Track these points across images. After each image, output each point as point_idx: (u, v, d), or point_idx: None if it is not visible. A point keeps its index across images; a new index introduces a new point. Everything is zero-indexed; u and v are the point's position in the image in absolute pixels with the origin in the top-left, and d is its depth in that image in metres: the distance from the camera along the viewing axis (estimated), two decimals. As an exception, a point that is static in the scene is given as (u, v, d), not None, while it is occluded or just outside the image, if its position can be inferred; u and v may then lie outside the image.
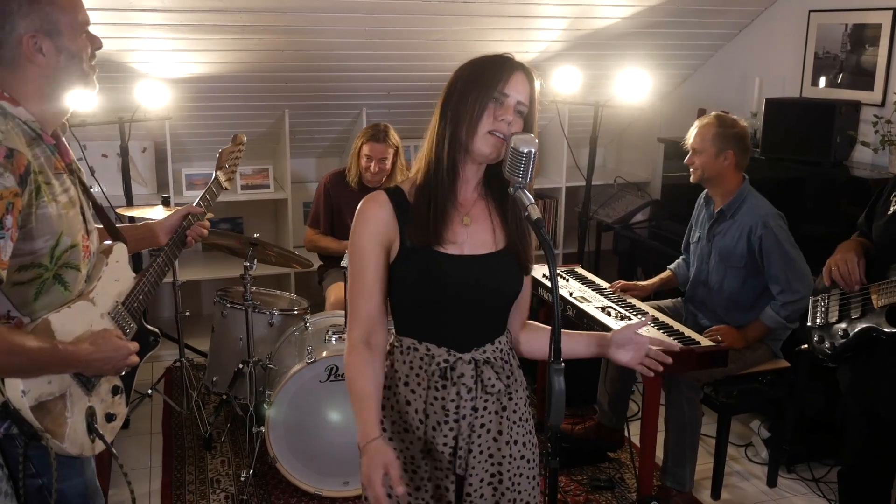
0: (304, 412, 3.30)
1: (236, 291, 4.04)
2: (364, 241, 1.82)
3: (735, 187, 3.31)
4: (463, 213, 1.85)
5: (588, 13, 4.38)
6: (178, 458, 3.72)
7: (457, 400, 1.84)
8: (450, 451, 1.85)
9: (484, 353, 1.87)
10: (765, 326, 3.25)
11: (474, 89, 1.76)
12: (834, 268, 2.61)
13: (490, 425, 1.88)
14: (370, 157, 4.09)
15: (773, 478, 3.58)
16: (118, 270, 2.00)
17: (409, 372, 1.86)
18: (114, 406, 1.96)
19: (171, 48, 4.04)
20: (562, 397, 1.66)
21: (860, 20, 3.98)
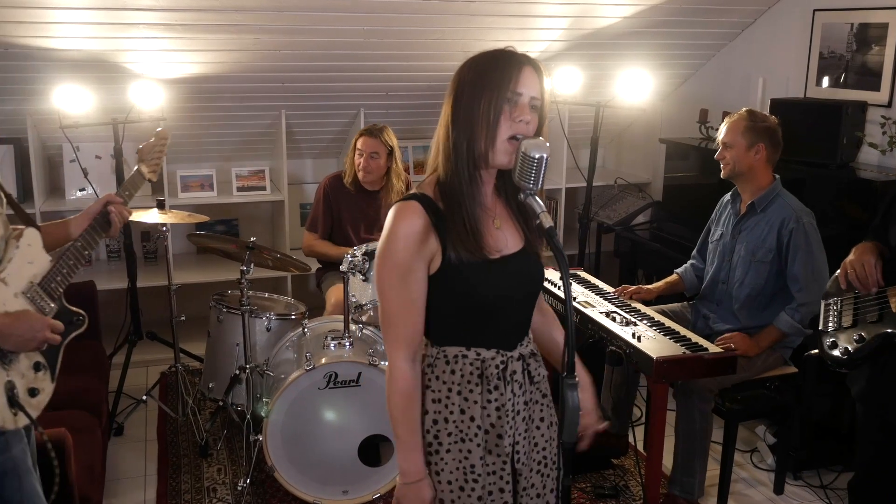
0: (303, 420, 3.23)
1: (233, 296, 3.96)
2: (403, 255, 1.73)
3: (766, 183, 3.27)
4: (492, 216, 1.83)
5: (589, 12, 4.32)
6: (173, 465, 3.65)
7: (512, 398, 1.84)
8: (512, 449, 1.85)
9: (527, 346, 1.90)
10: (779, 332, 3.19)
11: (485, 92, 1.70)
12: (850, 270, 2.55)
13: (534, 415, 1.91)
14: (361, 151, 4.04)
15: (780, 485, 3.52)
16: (31, 253, 2.03)
17: (459, 380, 1.82)
18: (37, 381, 2.01)
19: (165, 48, 3.97)
20: (576, 413, 1.60)
21: (866, 19, 3.93)
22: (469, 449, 1.83)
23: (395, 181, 4.14)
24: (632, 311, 3.36)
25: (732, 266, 3.35)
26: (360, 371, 3.22)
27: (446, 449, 1.83)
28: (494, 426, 1.83)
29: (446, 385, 1.83)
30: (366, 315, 3.65)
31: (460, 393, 1.82)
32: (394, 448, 3.30)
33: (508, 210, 1.87)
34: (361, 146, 4.04)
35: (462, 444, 1.83)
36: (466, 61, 1.79)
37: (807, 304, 3.15)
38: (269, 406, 3.18)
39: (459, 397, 1.82)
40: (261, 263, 3.72)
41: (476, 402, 1.82)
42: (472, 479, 1.83)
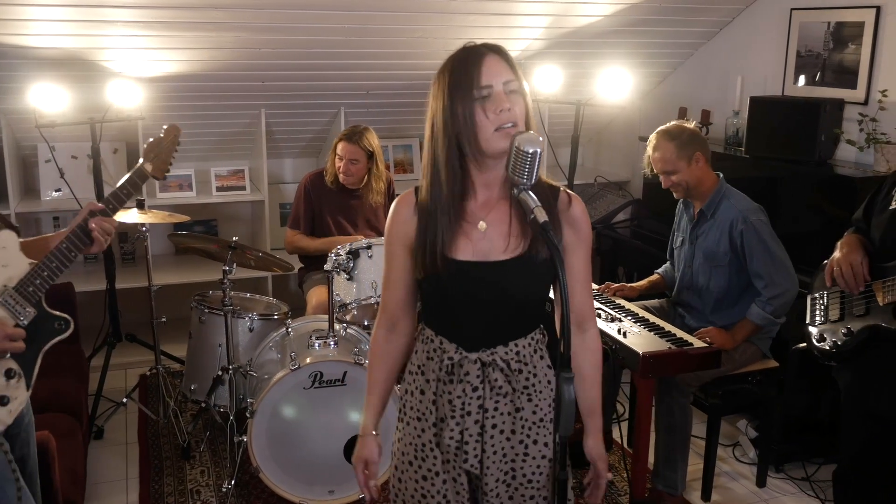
0: (288, 420, 3.20)
1: (214, 296, 3.93)
2: (392, 235, 1.89)
3: (711, 187, 3.29)
4: (478, 218, 1.80)
5: (570, 11, 4.34)
6: (155, 468, 3.61)
7: (463, 397, 1.85)
8: (455, 445, 1.86)
9: (492, 354, 1.84)
10: (753, 324, 3.22)
11: (455, 98, 1.70)
12: (837, 268, 2.57)
13: (503, 426, 1.87)
14: (341, 156, 4.05)
15: (763, 478, 3.56)
16: (5, 257, 2.01)
17: (425, 361, 1.90)
18: (9, 389, 1.98)
19: (144, 46, 3.92)
20: (572, 407, 1.59)
21: (842, 18, 3.98)
22: (423, 429, 1.89)
23: (376, 183, 4.14)
24: (616, 308, 3.38)
25: (695, 272, 3.38)
26: (345, 370, 3.21)
27: (406, 422, 1.94)
28: (445, 418, 1.86)
29: (418, 362, 1.93)
30: (349, 314, 3.63)
31: (423, 374, 1.90)
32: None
33: (507, 216, 1.80)
34: (341, 152, 4.04)
35: (417, 423, 1.90)
36: (437, 71, 1.79)
37: (776, 296, 3.17)
38: (253, 407, 3.16)
39: (422, 378, 1.90)
40: (243, 263, 3.69)
41: (431, 388, 1.88)
42: (421, 458, 1.89)
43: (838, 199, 3.69)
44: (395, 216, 1.87)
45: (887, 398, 2.49)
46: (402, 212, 1.85)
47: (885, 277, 2.45)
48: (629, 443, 3.79)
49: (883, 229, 2.56)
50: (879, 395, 2.51)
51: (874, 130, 3.73)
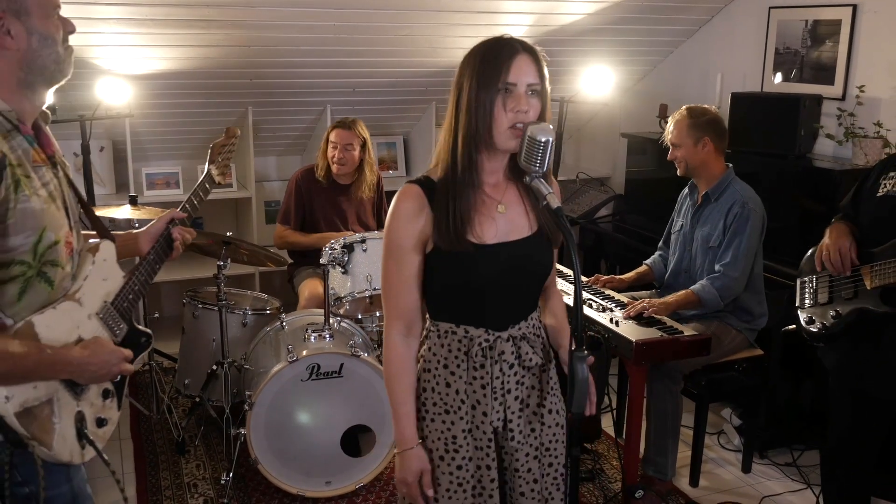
0: (286, 412, 3.24)
1: (207, 292, 3.95)
2: (400, 236, 1.83)
3: (719, 173, 3.38)
4: (496, 201, 1.86)
5: (554, 9, 4.42)
6: (150, 463, 3.63)
7: (501, 376, 1.88)
8: (501, 426, 1.89)
9: (520, 329, 1.91)
10: (694, 296, 3.27)
11: (480, 85, 1.75)
12: (826, 253, 2.67)
13: (529, 400, 1.93)
14: (336, 143, 4.10)
15: (748, 463, 3.65)
16: (106, 269, 1.89)
17: (447, 355, 1.90)
18: (105, 410, 1.87)
19: (134, 43, 3.93)
20: (585, 385, 1.66)
21: (819, 16, 4.09)
22: (452, 421, 1.90)
23: (369, 173, 4.20)
24: (606, 299, 3.46)
25: (693, 255, 3.46)
26: (342, 362, 3.25)
27: (431, 418, 1.92)
28: (480, 403, 1.89)
29: (436, 357, 1.92)
30: (343, 308, 3.68)
31: (447, 367, 1.90)
32: (375, 438, 3.34)
33: (520, 197, 1.88)
34: (335, 139, 4.09)
35: (446, 416, 1.91)
36: (467, 53, 1.83)
37: (727, 276, 3.24)
38: (251, 399, 3.19)
39: (446, 371, 1.90)
40: (236, 258, 3.72)
41: (461, 378, 1.89)
42: (454, 450, 1.90)
43: (817, 192, 3.80)
44: (400, 214, 1.82)
45: (874, 377, 2.60)
46: (409, 207, 1.82)
47: (874, 262, 2.56)
48: (619, 433, 3.89)
49: (871, 216, 2.68)
50: (866, 375, 2.62)
51: (852, 125, 3.85)
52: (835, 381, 2.77)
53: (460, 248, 1.79)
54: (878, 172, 2.70)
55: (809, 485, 3.49)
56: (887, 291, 2.51)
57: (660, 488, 3.33)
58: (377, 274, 3.49)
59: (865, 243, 2.63)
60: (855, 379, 2.67)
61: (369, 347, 3.50)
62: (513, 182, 1.88)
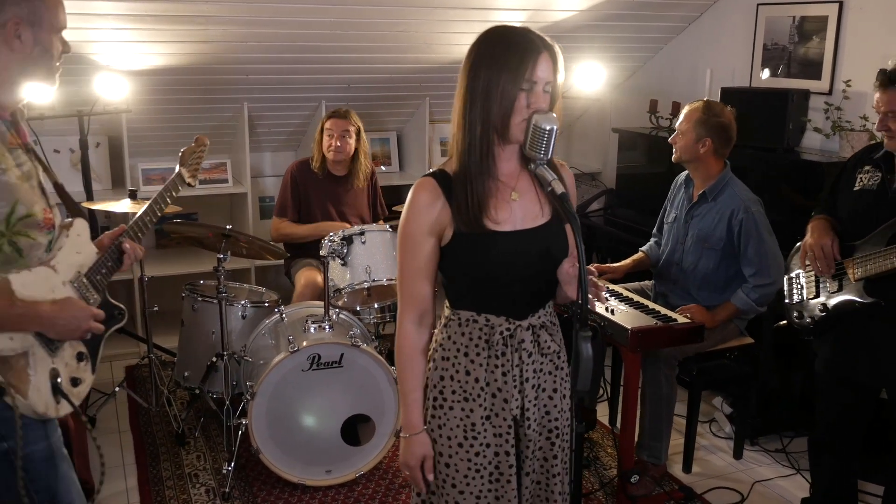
0: (287, 402, 3.29)
1: (206, 285, 3.99)
2: (414, 228, 1.87)
3: (716, 172, 3.42)
4: (510, 188, 1.89)
5: (547, 6, 4.48)
6: (151, 454, 3.66)
7: (521, 364, 1.93)
8: (520, 414, 1.94)
9: (539, 318, 1.96)
10: (735, 308, 3.37)
11: (501, 76, 1.76)
12: (810, 252, 2.76)
13: (545, 384, 1.99)
14: (332, 131, 4.16)
15: (739, 450, 3.73)
16: (79, 244, 2.04)
17: (468, 343, 1.94)
18: (79, 371, 2.01)
19: (132, 39, 3.96)
20: (590, 363, 1.72)
21: (807, 12, 4.18)
22: (472, 408, 1.94)
23: (363, 160, 4.27)
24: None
25: (685, 250, 3.52)
26: (342, 352, 3.30)
27: (449, 406, 1.95)
28: (501, 390, 1.93)
29: (455, 345, 1.95)
30: (342, 300, 3.73)
31: (467, 355, 1.94)
32: (374, 428, 3.40)
33: (532, 184, 1.90)
34: (331, 127, 4.16)
35: (465, 403, 1.94)
36: (481, 38, 1.83)
37: (762, 285, 3.32)
38: (253, 389, 3.23)
39: (466, 359, 1.94)
40: (235, 251, 3.76)
41: (481, 366, 1.93)
42: (472, 437, 1.94)
43: (806, 184, 3.88)
44: (416, 204, 1.86)
45: (862, 366, 2.69)
46: (425, 198, 1.85)
47: (855, 255, 2.64)
48: (613, 422, 3.96)
49: (848, 209, 2.76)
50: (855, 364, 2.71)
51: (839, 119, 3.94)
52: (822, 370, 2.85)
53: (480, 231, 1.83)
54: (853, 166, 2.78)
55: (799, 470, 3.57)
56: (870, 282, 2.59)
57: (654, 473, 3.40)
58: (376, 266, 3.56)
59: (846, 236, 2.72)
60: (842, 368, 2.76)
61: (367, 339, 3.55)
62: (525, 171, 1.91)
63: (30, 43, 1.88)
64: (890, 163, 2.63)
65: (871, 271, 2.55)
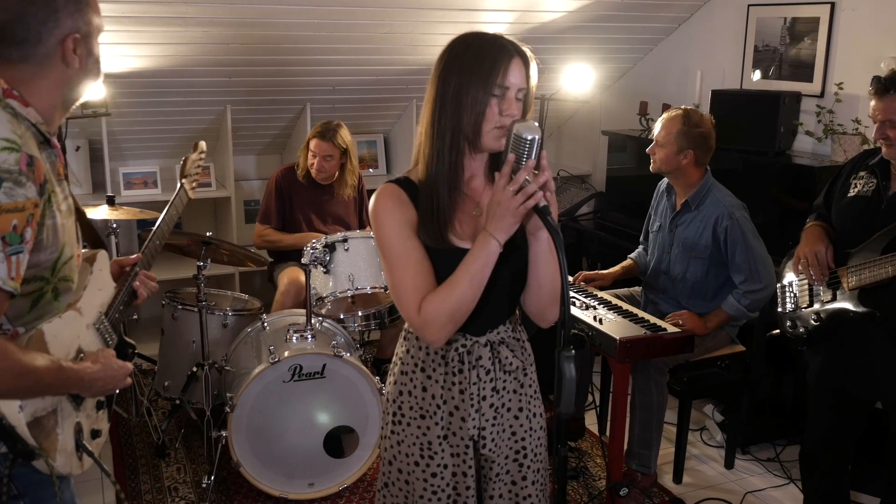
0: (268, 414, 3.21)
1: (187, 293, 3.91)
2: (392, 226, 1.76)
3: (697, 180, 3.35)
4: (473, 203, 1.82)
5: (535, 6, 4.41)
6: (130, 467, 3.58)
7: (478, 382, 1.85)
8: (477, 434, 1.86)
9: (498, 334, 1.88)
10: (726, 315, 3.31)
11: (471, 83, 1.70)
12: (803, 260, 2.68)
13: (510, 404, 1.91)
14: (314, 153, 4.09)
15: (731, 459, 3.67)
16: (101, 279, 1.87)
17: (425, 357, 1.87)
18: (98, 422, 1.84)
19: (110, 41, 3.86)
20: (572, 385, 1.64)
21: (798, 14, 4.11)
22: (428, 426, 1.87)
23: (349, 177, 4.19)
24: (589, 296, 3.45)
25: (672, 259, 3.45)
26: (324, 363, 3.22)
27: (407, 422, 1.89)
28: (459, 409, 1.86)
29: (413, 360, 1.89)
30: (325, 308, 3.65)
31: (424, 370, 1.87)
32: (358, 439, 3.31)
33: None
34: (315, 148, 4.08)
35: (422, 421, 1.88)
36: (452, 44, 1.77)
37: (753, 291, 3.26)
38: (233, 401, 3.15)
39: (423, 374, 1.87)
40: (216, 258, 3.68)
41: (437, 382, 1.86)
42: (428, 456, 1.88)
43: (798, 188, 3.82)
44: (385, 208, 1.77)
45: (854, 377, 2.62)
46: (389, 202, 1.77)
47: (850, 263, 2.57)
48: (602, 431, 3.90)
49: (843, 216, 2.69)
50: (847, 375, 2.64)
51: (831, 122, 3.88)
52: (815, 380, 2.78)
53: (442, 245, 1.76)
54: (848, 172, 2.71)
55: (792, 480, 3.51)
56: (865, 291, 2.52)
57: (643, 483, 3.33)
58: (359, 273, 3.48)
59: (840, 244, 2.65)
60: (835, 378, 2.69)
61: (351, 347, 3.48)
62: (490, 185, 1.81)
63: (84, 56, 1.65)
64: (885, 169, 2.56)
65: (866, 280, 2.48)
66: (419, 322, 1.76)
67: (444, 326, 1.75)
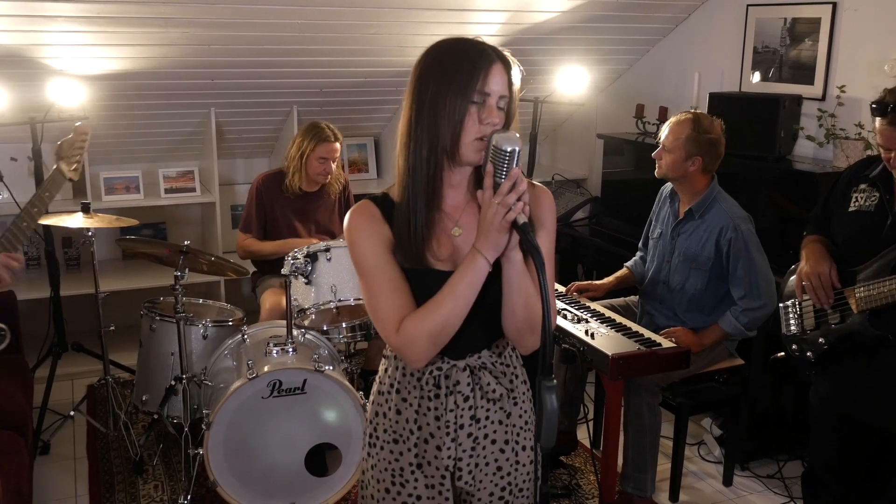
0: (246, 431, 3.08)
1: (165, 302, 3.78)
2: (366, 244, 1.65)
3: (703, 188, 3.22)
4: (452, 222, 1.69)
5: (527, 6, 4.27)
6: (106, 484, 3.45)
7: (455, 409, 1.72)
8: (452, 464, 1.74)
9: (480, 358, 1.75)
10: (722, 332, 3.18)
11: (450, 90, 1.58)
12: (806, 282, 2.54)
13: (495, 435, 1.78)
14: (324, 158, 3.92)
15: (729, 476, 3.54)
16: None
17: (401, 379, 1.76)
18: None
19: (87, 42, 3.74)
20: (554, 417, 1.51)
21: (799, 14, 3.98)
22: (401, 451, 1.77)
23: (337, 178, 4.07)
24: (581, 308, 3.32)
25: (672, 268, 3.32)
26: (305, 378, 3.09)
27: (381, 445, 1.80)
28: (434, 436, 1.74)
29: (390, 380, 1.79)
30: (308, 319, 3.52)
31: (399, 392, 1.76)
32: (341, 457, 3.19)
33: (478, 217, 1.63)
34: (325, 154, 3.91)
35: (394, 446, 1.77)
36: (429, 50, 1.65)
37: (752, 309, 3.13)
38: (209, 418, 3.02)
39: (398, 396, 1.77)
40: (195, 268, 3.55)
41: (411, 406, 1.75)
42: (400, 483, 1.77)
43: (798, 195, 3.69)
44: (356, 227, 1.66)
45: (865, 403, 2.47)
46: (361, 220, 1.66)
47: (857, 284, 2.42)
48: (595, 444, 3.76)
49: (846, 232, 2.54)
50: (856, 400, 2.49)
51: (833, 126, 3.75)
52: (820, 403, 2.63)
53: (420, 266, 1.65)
54: (847, 183, 2.57)
55: (793, 498, 3.38)
56: (875, 314, 2.37)
57: (639, 505, 3.21)
58: (342, 284, 3.34)
59: (842, 261, 2.50)
60: (842, 403, 2.54)
61: (335, 360, 3.35)
62: (473, 202, 1.69)
63: None
64: (889, 183, 2.42)
65: (876, 302, 2.33)
66: (398, 342, 1.65)
67: (425, 347, 1.64)
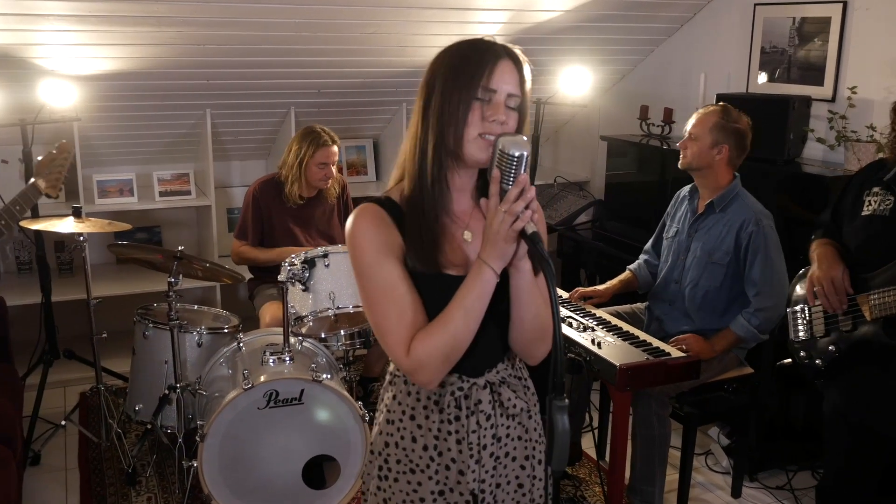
0: (241, 442, 2.98)
1: (159, 309, 3.69)
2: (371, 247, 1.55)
3: (726, 182, 3.17)
4: (462, 226, 1.61)
5: (529, 6, 4.19)
6: (97, 496, 3.35)
7: (477, 430, 1.63)
8: (478, 488, 1.64)
9: (498, 373, 1.67)
10: (735, 336, 3.09)
11: (455, 87, 1.52)
12: (818, 287, 2.45)
13: (515, 452, 1.69)
14: (324, 163, 3.83)
15: (738, 488, 3.44)
16: None
17: (415, 404, 1.64)
18: None
19: (78, 42, 3.65)
20: (566, 438, 1.42)
21: (808, 13, 3.89)
22: (419, 481, 1.65)
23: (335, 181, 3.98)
24: (587, 316, 3.23)
25: (686, 266, 3.24)
26: (302, 388, 3.00)
27: (394, 478, 1.68)
28: (456, 461, 1.64)
29: (401, 406, 1.67)
30: (305, 327, 3.43)
31: (414, 418, 1.65)
32: (339, 469, 3.09)
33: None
34: (325, 158, 3.82)
35: (412, 476, 1.66)
36: (441, 51, 1.60)
37: (764, 309, 3.05)
38: (204, 429, 2.93)
39: (413, 423, 1.65)
40: (189, 274, 3.46)
41: (430, 431, 1.64)
42: None
43: (808, 199, 3.59)
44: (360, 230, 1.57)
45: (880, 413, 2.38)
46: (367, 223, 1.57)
47: (870, 290, 2.34)
48: (601, 454, 3.67)
49: (859, 237, 2.46)
50: (870, 410, 2.40)
51: (844, 128, 3.65)
52: (832, 414, 2.54)
53: (434, 270, 1.56)
54: (859, 187, 2.48)
55: (808, 514, 3.29)
56: (889, 321, 2.28)
57: (646, 519, 3.11)
58: (340, 291, 3.25)
59: (855, 267, 2.41)
60: (855, 413, 2.45)
61: (334, 369, 3.25)
62: (478, 208, 1.61)
63: None
64: None
65: (891, 310, 2.24)
66: (410, 365, 1.55)
67: (438, 367, 1.55)
